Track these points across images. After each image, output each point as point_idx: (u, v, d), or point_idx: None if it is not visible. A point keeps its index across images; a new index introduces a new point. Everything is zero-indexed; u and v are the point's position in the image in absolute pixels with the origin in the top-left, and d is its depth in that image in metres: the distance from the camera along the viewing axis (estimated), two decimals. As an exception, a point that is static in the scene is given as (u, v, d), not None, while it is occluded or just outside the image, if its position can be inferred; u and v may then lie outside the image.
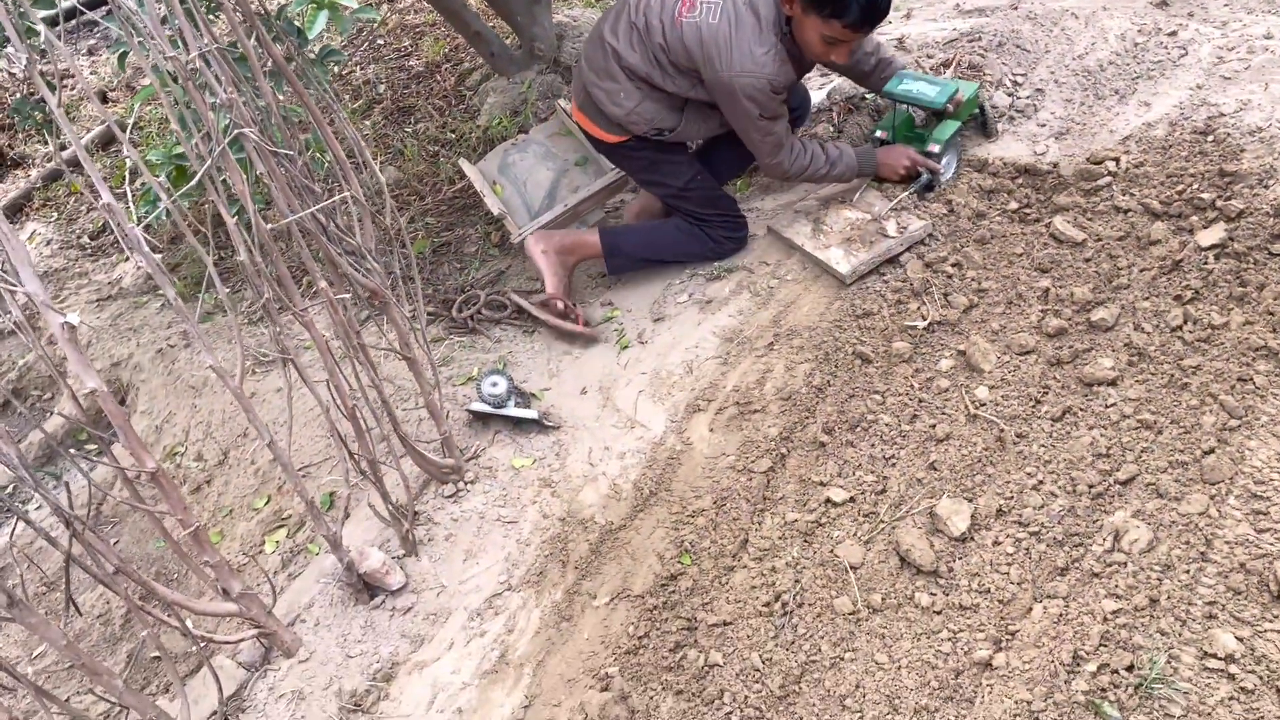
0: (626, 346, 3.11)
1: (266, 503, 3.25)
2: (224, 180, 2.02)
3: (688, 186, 3.13)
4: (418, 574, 2.61)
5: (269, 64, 2.17)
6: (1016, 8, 3.63)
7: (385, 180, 4.16)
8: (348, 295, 2.30)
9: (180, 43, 1.89)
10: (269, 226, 2.08)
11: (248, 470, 3.47)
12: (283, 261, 2.16)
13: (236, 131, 1.94)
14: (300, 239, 2.13)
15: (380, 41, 5.27)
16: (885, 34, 3.80)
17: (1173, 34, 3.20)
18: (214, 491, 3.56)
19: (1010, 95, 3.27)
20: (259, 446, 3.39)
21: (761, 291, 3.07)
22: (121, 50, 2.80)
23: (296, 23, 2.65)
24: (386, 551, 2.64)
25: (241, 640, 2.42)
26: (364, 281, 2.33)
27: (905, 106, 3.12)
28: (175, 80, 1.90)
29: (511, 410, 2.86)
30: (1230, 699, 1.85)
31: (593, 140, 3.20)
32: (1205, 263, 2.57)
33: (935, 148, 3.00)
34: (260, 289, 2.09)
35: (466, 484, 2.79)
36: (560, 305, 3.19)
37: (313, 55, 2.57)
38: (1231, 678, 1.87)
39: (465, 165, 3.78)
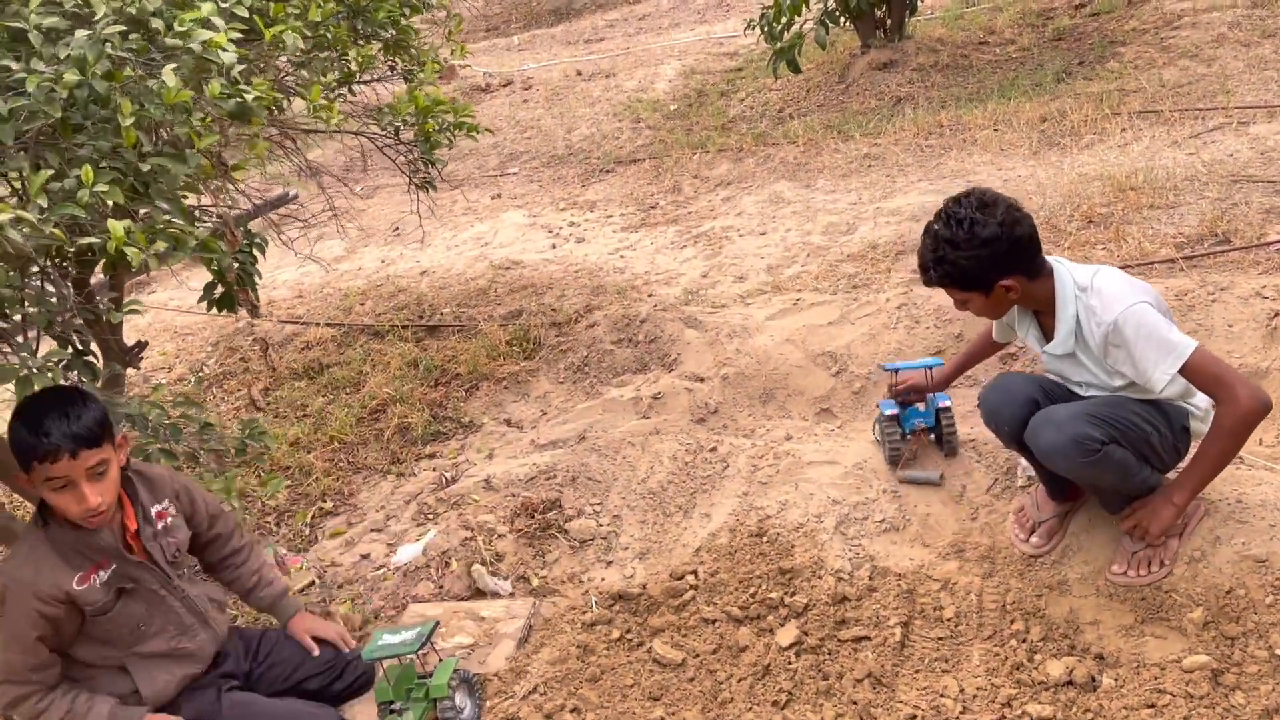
0: None
1: None
2: None
3: None
4: None
5: None
6: (584, 438, 3.99)
7: None
8: None
9: None
10: None
11: None
12: None
13: None
14: None
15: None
16: (474, 475, 3.96)
17: (713, 449, 3.67)
18: None
19: (594, 523, 3.50)
20: None
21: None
22: None
23: None
24: None
25: None
26: None
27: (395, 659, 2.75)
28: None
29: None
30: None
31: None
32: (789, 663, 2.77)
33: (451, 697, 2.70)
34: None
35: None
36: None
37: None
38: None
39: None
